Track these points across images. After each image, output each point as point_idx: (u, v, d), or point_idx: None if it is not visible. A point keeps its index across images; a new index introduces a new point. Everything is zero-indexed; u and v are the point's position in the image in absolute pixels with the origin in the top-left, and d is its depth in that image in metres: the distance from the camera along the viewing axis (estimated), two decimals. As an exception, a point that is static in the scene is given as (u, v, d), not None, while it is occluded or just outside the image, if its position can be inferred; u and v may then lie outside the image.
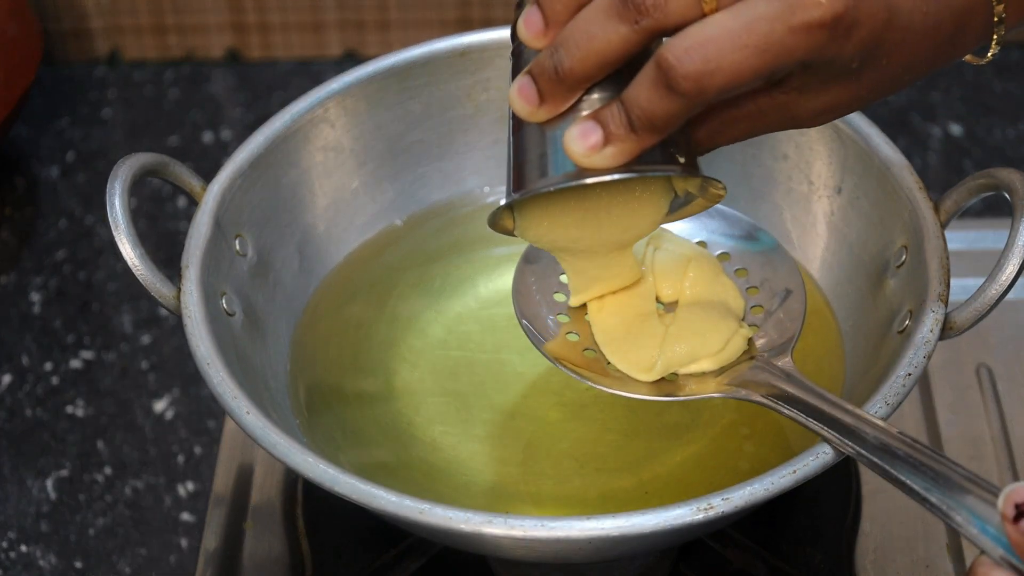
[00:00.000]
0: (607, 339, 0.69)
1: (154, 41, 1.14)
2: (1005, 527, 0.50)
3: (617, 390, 0.67)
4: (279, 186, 0.78)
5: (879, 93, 0.59)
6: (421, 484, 0.72)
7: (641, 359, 0.68)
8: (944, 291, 0.67)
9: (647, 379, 0.67)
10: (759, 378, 0.66)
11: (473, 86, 0.83)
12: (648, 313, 0.69)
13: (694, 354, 0.67)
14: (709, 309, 0.69)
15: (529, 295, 0.71)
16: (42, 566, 0.82)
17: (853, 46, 0.56)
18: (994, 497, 0.52)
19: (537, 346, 0.69)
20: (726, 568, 0.75)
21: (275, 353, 0.76)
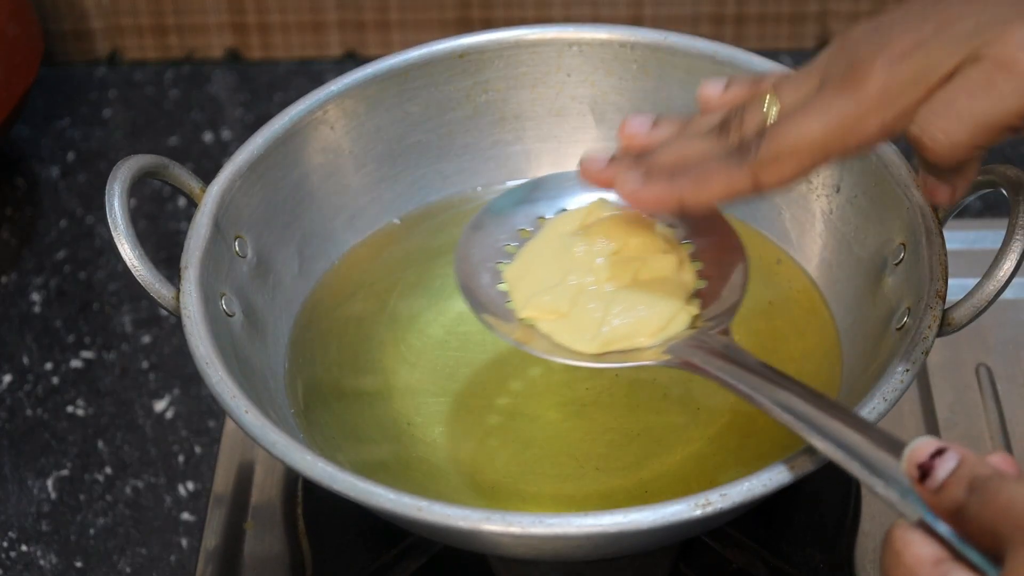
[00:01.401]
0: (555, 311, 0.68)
1: (154, 41, 1.14)
2: (916, 489, 0.50)
3: (557, 357, 0.66)
4: (278, 187, 0.78)
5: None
6: (420, 483, 0.72)
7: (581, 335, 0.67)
8: (942, 288, 0.67)
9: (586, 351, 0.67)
10: (696, 348, 0.65)
11: (472, 87, 0.83)
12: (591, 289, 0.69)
13: (634, 332, 0.67)
14: (655, 285, 0.68)
15: (473, 262, 0.70)
16: (42, 566, 0.82)
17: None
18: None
19: (477, 313, 0.68)
20: (726, 568, 0.75)
21: (274, 353, 0.77)
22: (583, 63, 0.82)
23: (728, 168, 0.61)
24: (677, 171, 0.62)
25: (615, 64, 0.82)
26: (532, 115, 0.83)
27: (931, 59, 0.58)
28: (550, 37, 0.82)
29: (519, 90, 0.83)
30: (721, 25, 1.11)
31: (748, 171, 0.60)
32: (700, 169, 0.62)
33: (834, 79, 0.60)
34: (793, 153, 0.59)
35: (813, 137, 0.59)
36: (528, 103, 0.83)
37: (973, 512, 0.48)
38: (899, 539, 0.50)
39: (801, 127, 0.59)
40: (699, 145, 0.63)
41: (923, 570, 0.49)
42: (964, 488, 0.49)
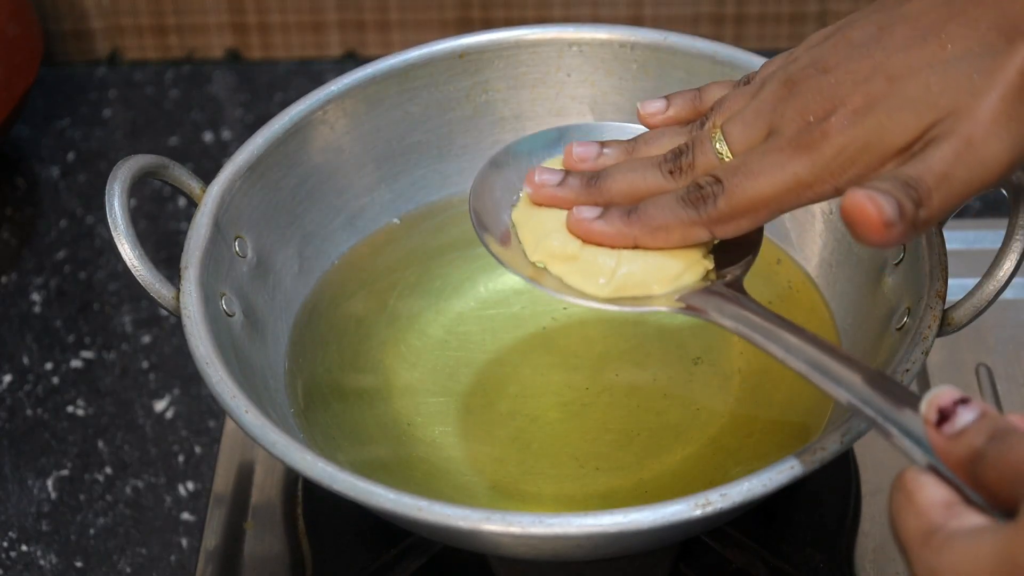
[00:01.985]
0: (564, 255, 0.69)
1: (154, 41, 1.14)
2: (928, 432, 0.50)
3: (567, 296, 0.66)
4: (278, 188, 0.78)
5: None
6: (420, 483, 0.72)
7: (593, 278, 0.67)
8: (942, 287, 0.67)
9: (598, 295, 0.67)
10: (709, 297, 0.65)
11: (472, 88, 0.83)
12: None
13: (647, 279, 0.66)
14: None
15: (488, 200, 0.70)
16: (42, 566, 0.82)
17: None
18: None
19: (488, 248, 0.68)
20: (726, 568, 0.75)
21: (274, 353, 0.77)
22: (583, 63, 0.82)
23: (685, 220, 0.63)
24: (631, 209, 0.65)
25: (615, 64, 0.82)
26: (532, 115, 0.83)
27: (888, 124, 0.59)
28: (550, 37, 0.82)
29: (519, 90, 0.83)
30: (721, 25, 1.11)
31: (705, 225, 0.63)
32: (654, 211, 0.64)
33: (786, 134, 0.61)
34: (749, 211, 0.62)
35: (768, 196, 0.61)
36: (528, 103, 0.83)
37: (991, 460, 0.48)
38: (911, 481, 0.49)
39: (756, 186, 0.61)
40: (649, 177, 0.65)
41: (935, 512, 0.48)
42: (984, 437, 0.49)
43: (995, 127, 0.57)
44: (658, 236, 0.64)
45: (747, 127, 0.63)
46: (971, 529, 0.47)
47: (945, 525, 0.48)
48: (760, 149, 0.62)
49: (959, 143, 0.57)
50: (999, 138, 0.58)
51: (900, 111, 0.59)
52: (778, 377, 0.75)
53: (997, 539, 0.46)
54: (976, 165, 0.58)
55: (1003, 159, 0.58)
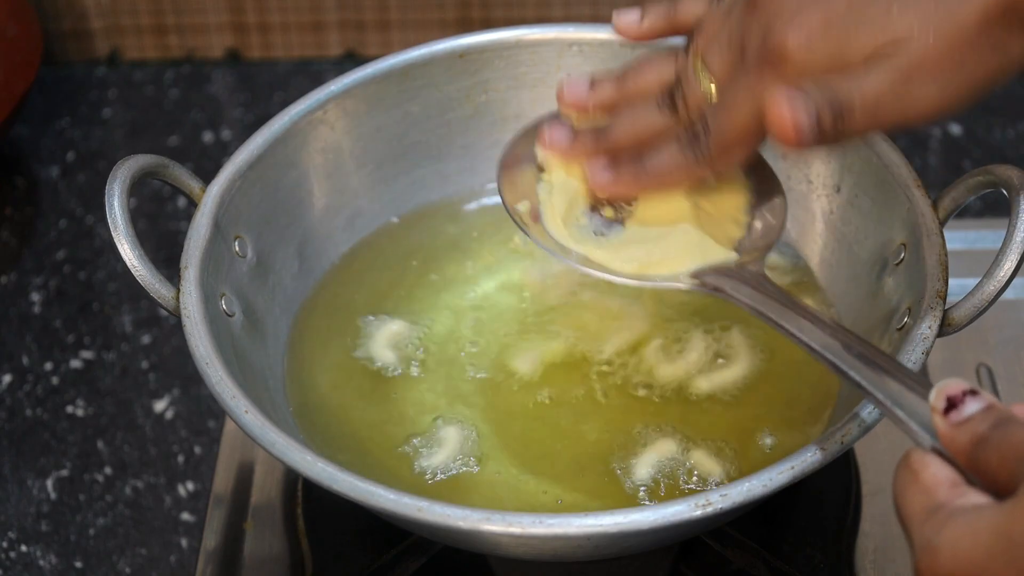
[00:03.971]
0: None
1: (154, 41, 1.14)
2: (934, 419, 0.51)
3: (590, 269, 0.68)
4: (278, 188, 0.78)
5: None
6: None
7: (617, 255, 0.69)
8: (943, 288, 0.67)
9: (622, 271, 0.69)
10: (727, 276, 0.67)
11: (472, 88, 0.83)
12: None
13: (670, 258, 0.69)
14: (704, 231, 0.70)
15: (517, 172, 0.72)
16: (42, 566, 0.82)
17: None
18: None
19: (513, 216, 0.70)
20: (726, 568, 0.75)
21: (274, 353, 0.77)
22: (583, 63, 0.82)
23: (685, 162, 0.66)
24: (637, 157, 0.68)
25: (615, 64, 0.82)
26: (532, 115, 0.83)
27: (845, 43, 0.60)
28: (550, 37, 0.82)
29: (519, 90, 0.83)
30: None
31: (704, 164, 0.66)
32: (659, 158, 0.67)
33: (751, 55, 0.63)
34: (736, 142, 0.65)
35: (747, 123, 0.63)
36: (528, 103, 0.83)
37: (993, 444, 0.49)
38: (917, 460, 0.51)
39: (735, 118, 0.64)
40: (651, 119, 0.68)
41: (940, 490, 0.49)
42: (988, 424, 0.50)
43: (936, 68, 0.58)
44: (666, 180, 0.68)
45: (721, 50, 0.65)
46: (973, 506, 0.48)
47: (949, 502, 0.49)
48: (733, 76, 0.64)
49: (897, 72, 0.59)
50: (936, 81, 0.59)
51: (858, 28, 0.60)
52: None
53: (995, 516, 0.47)
54: (906, 100, 0.59)
55: (933, 102, 0.59)
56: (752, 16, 0.63)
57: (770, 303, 0.65)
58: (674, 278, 0.68)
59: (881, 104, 0.59)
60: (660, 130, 0.68)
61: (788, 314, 0.63)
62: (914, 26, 0.58)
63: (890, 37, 0.59)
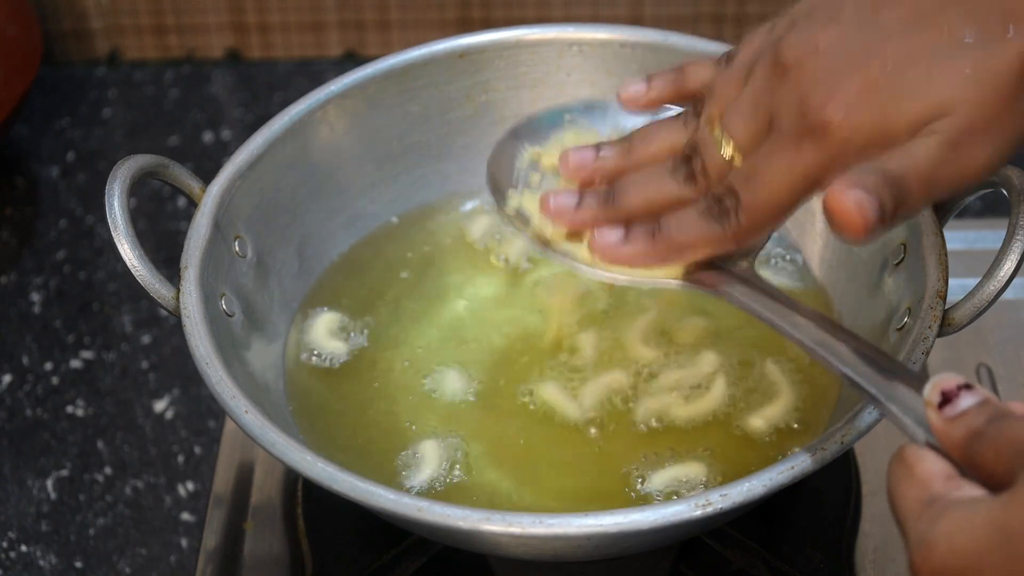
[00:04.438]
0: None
1: (154, 41, 1.14)
2: (928, 413, 0.51)
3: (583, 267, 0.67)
4: (278, 188, 0.78)
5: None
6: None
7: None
8: (943, 288, 0.67)
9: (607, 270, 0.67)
10: (719, 274, 0.66)
11: (472, 87, 0.83)
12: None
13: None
14: None
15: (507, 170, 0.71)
16: (42, 566, 0.82)
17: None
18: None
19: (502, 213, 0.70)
20: (726, 568, 0.75)
21: (274, 353, 0.77)
22: (583, 63, 0.82)
23: (710, 235, 0.63)
24: (655, 229, 0.64)
25: (615, 64, 0.82)
26: (532, 115, 0.83)
27: (889, 112, 0.58)
28: (550, 37, 0.82)
29: (519, 90, 0.83)
30: (721, 25, 1.11)
31: (731, 240, 0.63)
32: (679, 230, 0.64)
33: (787, 126, 0.60)
34: (770, 218, 0.62)
35: (784, 199, 0.61)
36: (528, 103, 0.83)
37: (988, 438, 0.49)
38: (911, 454, 0.50)
39: (772, 193, 0.61)
40: (665, 186, 0.65)
41: (936, 483, 0.49)
42: (984, 419, 0.49)
43: (984, 131, 0.57)
44: (685, 254, 0.65)
45: (747, 120, 0.62)
46: (968, 500, 0.48)
47: (944, 495, 0.48)
48: (766, 150, 0.61)
49: (947, 144, 0.57)
50: (986, 143, 0.58)
51: (901, 99, 0.58)
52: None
53: (991, 509, 0.46)
54: (960, 169, 0.58)
55: (986, 162, 0.58)
56: (782, 84, 0.61)
57: (764, 300, 0.64)
58: (668, 277, 0.67)
59: (937, 177, 0.57)
60: (676, 199, 0.65)
61: (782, 311, 0.63)
62: (956, 91, 0.57)
63: (935, 106, 0.57)
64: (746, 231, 0.62)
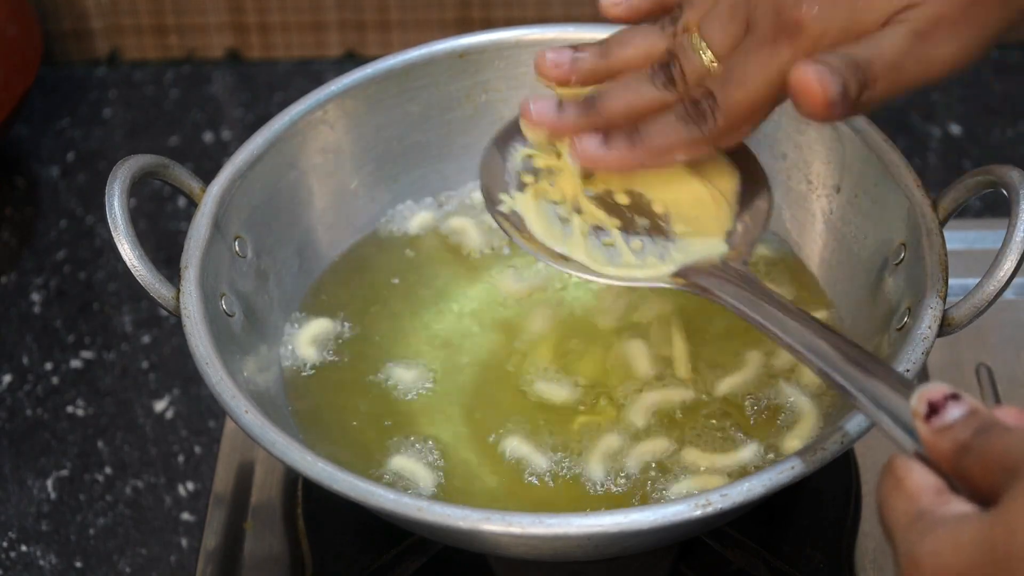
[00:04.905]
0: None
1: (154, 41, 1.14)
2: (916, 424, 0.51)
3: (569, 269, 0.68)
4: (278, 188, 0.78)
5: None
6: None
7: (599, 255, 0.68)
8: (943, 288, 0.67)
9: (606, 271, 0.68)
10: (711, 275, 0.67)
11: (472, 87, 0.83)
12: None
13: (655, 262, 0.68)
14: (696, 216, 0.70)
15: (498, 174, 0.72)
16: (42, 566, 0.82)
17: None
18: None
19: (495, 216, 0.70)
20: (726, 568, 0.75)
21: (274, 352, 0.77)
22: (583, 63, 0.82)
23: (688, 137, 0.65)
24: (632, 131, 0.66)
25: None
26: (532, 115, 0.83)
27: (860, 10, 0.60)
28: (550, 37, 0.82)
29: (519, 90, 0.83)
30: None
31: (708, 142, 0.65)
32: (657, 132, 0.65)
33: (763, 27, 0.62)
34: (746, 118, 0.63)
35: (760, 98, 0.62)
36: (528, 103, 0.83)
37: (975, 452, 0.49)
38: (901, 466, 0.50)
39: (747, 92, 0.63)
40: (645, 92, 0.66)
41: (925, 497, 0.49)
42: (971, 431, 0.49)
43: (951, 25, 0.59)
44: (664, 157, 0.66)
45: (724, 24, 0.64)
46: (956, 516, 0.48)
47: (932, 510, 0.48)
48: (742, 50, 0.63)
49: (914, 33, 0.59)
50: (951, 37, 0.59)
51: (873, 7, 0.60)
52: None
53: (977, 527, 0.46)
54: (925, 59, 0.59)
55: (951, 57, 0.59)
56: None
57: (755, 302, 0.64)
58: (659, 278, 0.67)
59: (902, 66, 0.59)
60: (656, 104, 0.66)
61: (773, 314, 0.63)
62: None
63: (903, 1, 0.59)
64: (723, 131, 0.64)
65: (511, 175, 0.71)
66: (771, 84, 0.62)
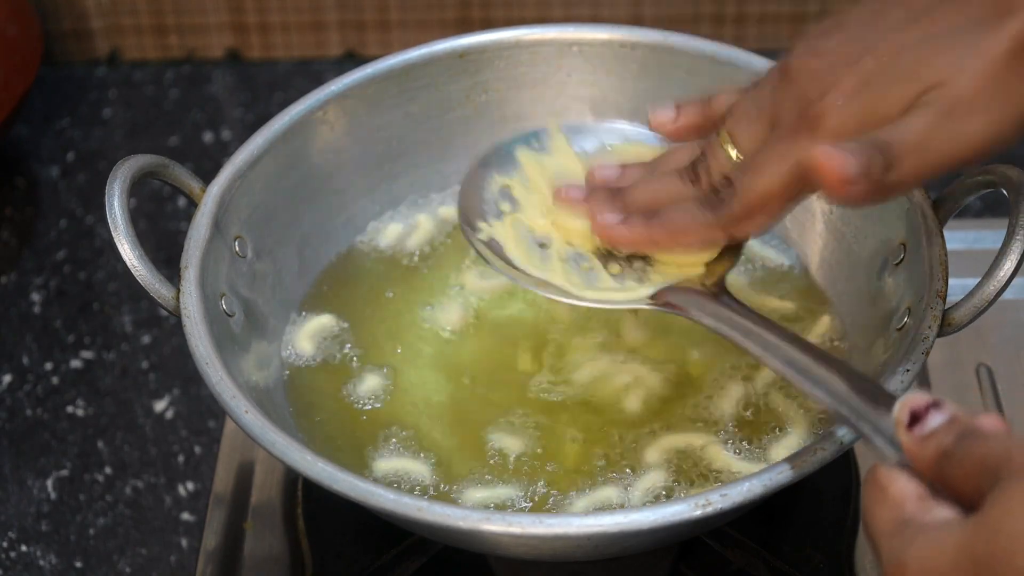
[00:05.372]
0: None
1: (154, 41, 1.14)
2: (899, 433, 0.51)
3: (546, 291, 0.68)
4: (278, 188, 0.78)
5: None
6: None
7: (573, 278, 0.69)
8: (943, 288, 0.67)
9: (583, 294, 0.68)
10: (688, 294, 0.67)
11: (472, 88, 0.83)
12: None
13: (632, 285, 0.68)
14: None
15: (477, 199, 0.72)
16: (42, 566, 0.82)
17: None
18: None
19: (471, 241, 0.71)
20: (726, 568, 0.75)
21: (274, 352, 0.77)
22: (583, 63, 0.82)
23: (703, 221, 0.65)
24: (652, 213, 0.67)
25: (615, 64, 0.82)
26: (532, 115, 0.83)
27: (880, 99, 0.59)
28: (550, 37, 0.82)
29: (519, 90, 0.83)
30: (721, 25, 1.11)
31: (722, 227, 0.65)
32: (674, 216, 0.66)
33: (786, 123, 0.62)
34: (762, 207, 0.63)
35: (777, 188, 0.62)
36: (528, 103, 0.83)
37: (957, 458, 0.49)
38: (884, 475, 0.51)
39: (764, 180, 0.62)
40: (670, 186, 0.67)
41: (908, 504, 0.50)
42: (952, 437, 0.50)
43: (977, 102, 0.58)
44: (678, 238, 0.66)
45: (750, 123, 0.64)
46: (939, 522, 0.48)
47: (916, 517, 0.49)
48: (766, 143, 0.63)
49: (939, 113, 0.58)
50: (979, 114, 0.58)
51: (892, 85, 0.59)
52: None
53: (960, 534, 0.47)
54: (954, 137, 0.59)
55: (981, 135, 0.59)
56: (785, 90, 0.62)
57: (732, 319, 0.64)
58: (637, 299, 0.67)
59: (929, 145, 0.58)
60: (680, 196, 0.66)
61: (751, 330, 0.63)
62: (945, 70, 0.58)
63: (924, 85, 0.58)
64: (738, 217, 0.64)
65: (489, 203, 0.72)
66: (789, 173, 0.61)
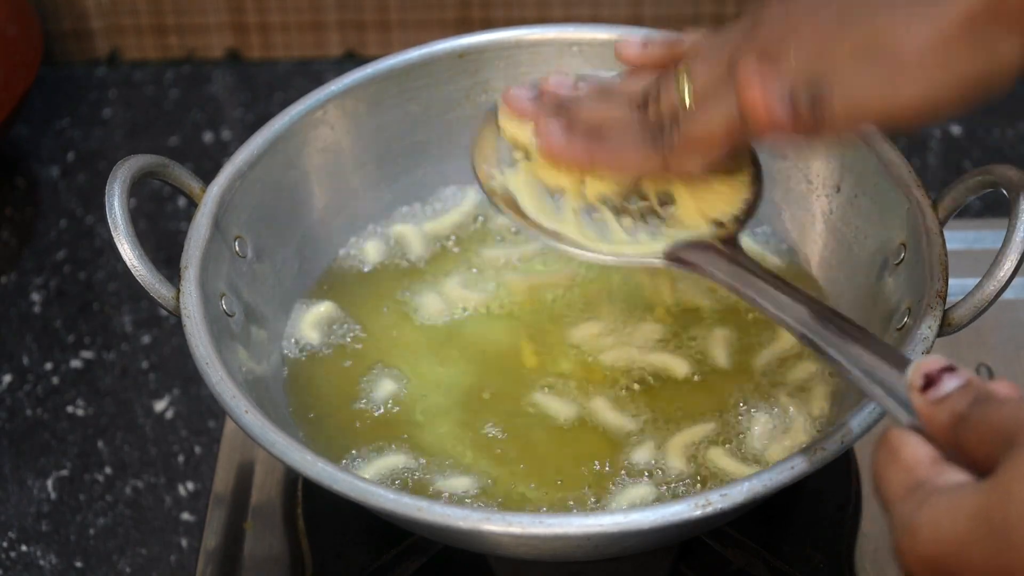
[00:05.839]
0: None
1: (154, 41, 1.14)
2: (912, 396, 0.51)
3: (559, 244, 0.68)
4: (278, 188, 0.78)
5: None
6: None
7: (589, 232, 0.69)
8: (943, 288, 0.67)
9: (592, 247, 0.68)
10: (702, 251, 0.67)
11: (472, 87, 0.83)
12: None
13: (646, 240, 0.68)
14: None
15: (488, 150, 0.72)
16: (42, 566, 0.82)
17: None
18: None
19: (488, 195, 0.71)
20: (726, 568, 0.75)
21: (274, 352, 0.77)
22: (583, 63, 0.82)
23: (642, 147, 0.66)
24: (595, 134, 0.67)
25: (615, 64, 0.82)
26: (532, 115, 0.83)
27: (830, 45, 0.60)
28: (550, 37, 0.82)
29: (519, 90, 0.83)
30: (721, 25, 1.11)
31: (660, 155, 0.66)
32: (617, 140, 0.67)
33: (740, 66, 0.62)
34: (701, 144, 0.64)
35: (718, 128, 0.63)
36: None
37: (972, 423, 0.49)
38: (896, 438, 0.51)
39: (708, 120, 0.63)
40: (619, 112, 0.67)
41: (921, 468, 0.49)
42: (967, 402, 0.50)
43: (920, 68, 0.58)
44: (614, 159, 0.67)
45: (709, 64, 0.64)
46: (953, 486, 0.48)
47: (929, 481, 0.49)
48: (715, 84, 0.63)
49: (880, 69, 0.59)
50: (918, 78, 0.59)
51: (844, 38, 0.60)
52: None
53: (974, 497, 0.47)
54: (888, 95, 0.59)
55: (916, 99, 0.59)
56: (748, 39, 0.63)
57: (747, 277, 0.64)
58: (649, 254, 0.67)
59: (863, 97, 0.59)
60: (622, 119, 0.67)
61: (765, 289, 0.63)
62: (895, 30, 0.59)
63: (872, 37, 0.59)
64: (676, 150, 0.65)
65: (502, 152, 0.72)
66: (732, 115, 0.62)
